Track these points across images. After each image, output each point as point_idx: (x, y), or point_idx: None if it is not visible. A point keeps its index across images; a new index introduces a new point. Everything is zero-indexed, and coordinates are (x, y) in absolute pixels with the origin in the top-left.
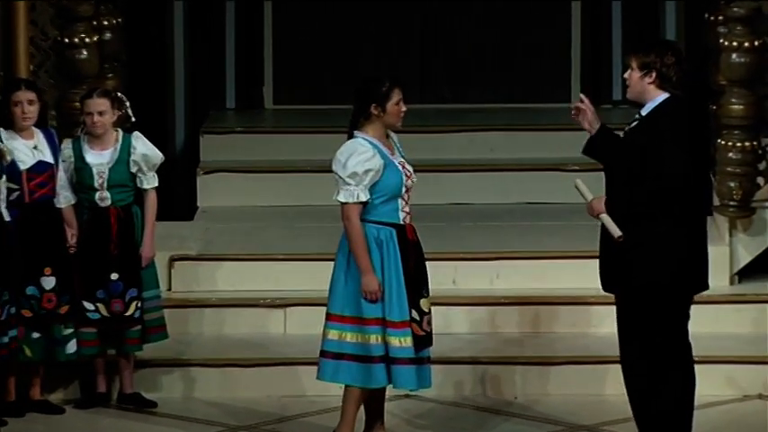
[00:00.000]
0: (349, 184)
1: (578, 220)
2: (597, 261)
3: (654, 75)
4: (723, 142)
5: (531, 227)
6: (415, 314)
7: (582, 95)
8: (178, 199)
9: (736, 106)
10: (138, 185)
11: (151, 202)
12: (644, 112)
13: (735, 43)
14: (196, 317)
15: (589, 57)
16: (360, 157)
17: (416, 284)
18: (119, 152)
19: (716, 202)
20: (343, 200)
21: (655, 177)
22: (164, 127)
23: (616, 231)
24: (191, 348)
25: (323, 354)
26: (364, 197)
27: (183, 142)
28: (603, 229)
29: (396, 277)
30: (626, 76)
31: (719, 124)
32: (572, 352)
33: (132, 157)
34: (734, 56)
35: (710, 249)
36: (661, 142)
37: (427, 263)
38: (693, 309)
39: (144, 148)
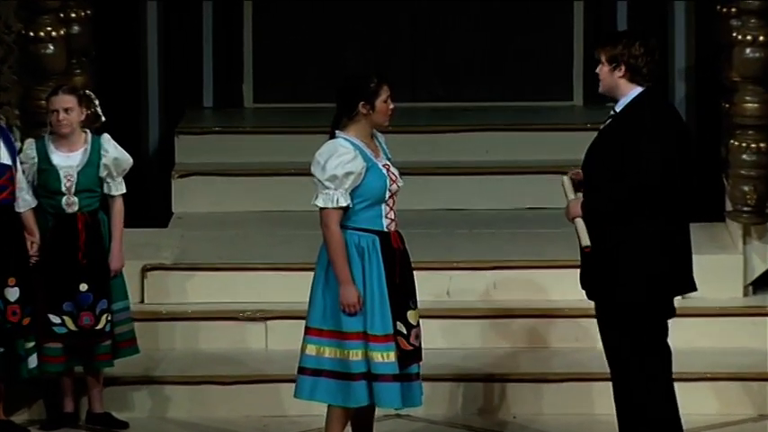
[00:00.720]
0: (328, 188)
1: None
2: None
3: (623, 68)
4: (736, 143)
5: (530, 234)
6: (401, 327)
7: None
8: (152, 204)
9: (749, 104)
10: (106, 191)
11: (118, 210)
12: (618, 108)
13: (749, 37)
14: (170, 330)
15: (592, 54)
16: (340, 159)
17: (403, 295)
18: (89, 154)
19: (728, 207)
20: (321, 204)
21: (632, 174)
22: (136, 127)
23: (585, 240)
24: (164, 364)
25: (301, 370)
26: (344, 202)
27: (156, 143)
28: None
29: (378, 288)
30: (597, 71)
31: (732, 124)
32: (573, 368)
33: (103, 161)
34: (748, 51)
35: (722, 258)
36: (637, 138)
37: (419, 273)
38: (703, 322)
39: (115, 152)
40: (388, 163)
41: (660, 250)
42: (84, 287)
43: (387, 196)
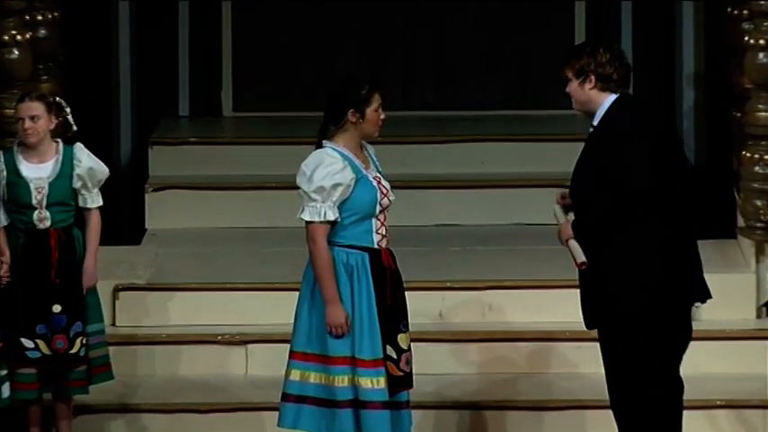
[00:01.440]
0: (315, 201)
1: None
2: None
3: (593, 78)
4: (748, 154)
5: (528, 252)
6: (391, 351)
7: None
8: (124, 220)
9: (762, 113)
10: (81, 204)
11: (95, 224)
12: (595, 121)
13: (762, 41)
14: (145, 355)
15: None
16: (328, 170)
17: (394, 318)
18: (60, 165)
19: (740, 223)
20: (308, 218)
21: (618, 182)
22: (107, 137)
23: (580, 257)
24: (139, 391)
25: (284, 397)
26: (332, 216)
27: (129, 154)
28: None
29: (367, 309)
30: (567, 90)
31: (744, 134)
32: (573, 395)
33: (77, 171)
34: (761, 55)
35: (734, 277)
36: (616, 144)
37: (409, 293)
38: (713, 346)
39: (89, 161)
40: (379, 176)
41: (658, 256)
42: (57, 308)
43: (377, 210)
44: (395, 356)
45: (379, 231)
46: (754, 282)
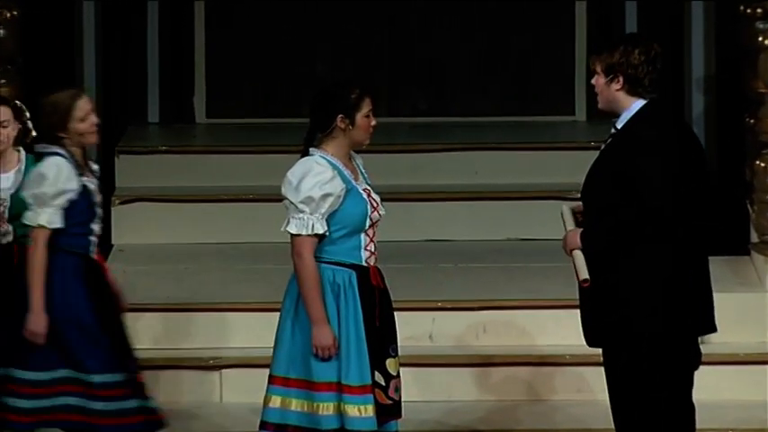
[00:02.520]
0: (302, 212)
1: None
2: None
3: (621, 79)
4: (762, 164)
5: (525, 269)
6: (379, 378)
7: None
8: None
9: None
10: None
11: None
12: (619, 124)
13: None
14: None
15: None
16: (317, 179)
17: (382, 341)
18: (24, 175)
19: (753, 238)
20: (294, 231)
21: (634, 199)
22: None
23: (583, 273)
24: None
25: (263, 425)
26: (321, 228)
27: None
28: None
29: (355, 331)
30: (593, 82)
31: (757, 141)
32: (575, 424)
33: None
34: None
35: (747, 297)
36: (637, 156)
37: (397, 314)
38: (725, 370)
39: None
40: (369, 188)
41: (670, 283)
42: None
43: (367, 225)
44: (383, 383)
45: (368, 248)
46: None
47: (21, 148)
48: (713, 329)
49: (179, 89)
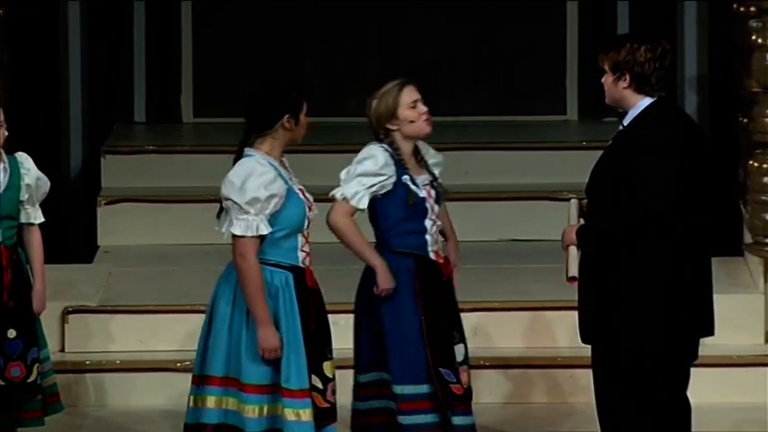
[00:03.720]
0: (247, 213)
1: None
2: None
3: (628, 77)
4: (756, 164)
5: (515, 270)
6: (316, 381)
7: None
8: (74, 236)
9: None
10: (24, 220)
11: (39, 241)
12: (626, 121)
13: None
14: (96, 384)
15: (589, 63)
16: (260, 179)
17: (319, 344)
18: (9, 175)
19: (747, 239)
20: (239, 232)
21: (633, 200)
22: (56, 145)
23: (572, 270)
24: (89, 423)
25: (199, 429)
26: (265, 230)
27: (79, 164)
28: (585, 268)
29: (293, 334)
30: (602, 81)
31: (751, 141)
32: (567, 428)
33: (26, 181)
34: None
35: (741, 298)
36: (643, 156)
37: None
38: (719, 373)
39: (36, 171)
40: (302, 187)
41: (672, 282)
42: (12, 333)
43: (305, 225)
44: (320, 386)
45: (304, 249)
46: (763, 303)
47: (1, 149)
48: (712, 333)
49: (166, 88)
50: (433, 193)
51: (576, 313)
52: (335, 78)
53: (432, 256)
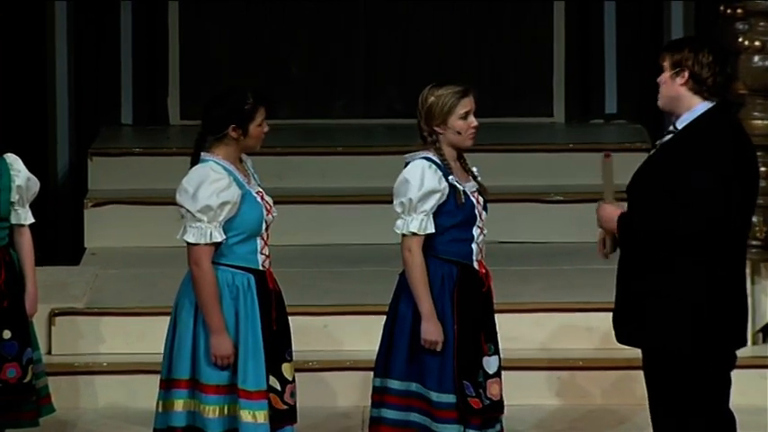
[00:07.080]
0: (200, 221)
1: (564, 263)
2: (588, 315)
3: (686, 74)
4: None
5: (502, 272)
6: (274, 382)
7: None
8: (61, 238)
9: (758, 121)
10: (14, 221)
11: (29, 243)
12: (680, 124)
13: (757, 43)
14: (84, 386)
15: (576, 64)
16: (213, 186)
17: (278, 345)
18: (1, 177)
19: None
20: (192, 240)
21: (680, 209)
22: (42, 147)
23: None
24: (79, 426)
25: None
26: (219, 237)
27: (66, 166)
28: (622, 266)
29: (252, 335)
30: (658, 80)
31: None
32: (549, 428)
33: (17, 182)
34: (756, 59)
35: None
36: (692, 165)
37: (373, 317)
38: None
39: (26, 173)
40: (261, 190)
41: (710, 294)
42: (7, 334)
43: (263, 229)
44: (279, 388)
45: (263, 251)
46: (750, 305)
47: None
48: (744, 343)
49: (153, 90)
50: (481, 200)
51: (565, 315)
52: (321, 80)
53: (475, 265)
